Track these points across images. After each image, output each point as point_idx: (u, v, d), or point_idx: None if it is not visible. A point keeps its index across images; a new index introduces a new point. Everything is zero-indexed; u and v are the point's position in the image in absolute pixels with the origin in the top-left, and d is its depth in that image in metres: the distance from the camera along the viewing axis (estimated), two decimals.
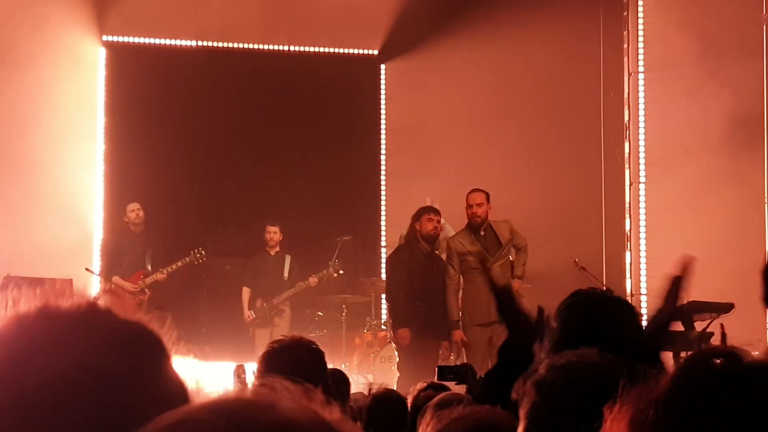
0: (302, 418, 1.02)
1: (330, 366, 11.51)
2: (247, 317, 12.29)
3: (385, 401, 4.76)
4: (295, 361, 3.55)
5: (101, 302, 1.26)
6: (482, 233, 10.32)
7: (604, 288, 11.41)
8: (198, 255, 12.22)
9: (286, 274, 12.45)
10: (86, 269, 11.22)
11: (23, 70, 11.92)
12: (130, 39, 13.66)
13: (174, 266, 12.13)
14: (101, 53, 13.45)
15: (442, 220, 10.79)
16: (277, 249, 12.52)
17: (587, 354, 1.73)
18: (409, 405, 4.92)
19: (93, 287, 12.07)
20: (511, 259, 10.40)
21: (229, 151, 13.56)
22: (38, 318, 1.20)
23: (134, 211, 12.22)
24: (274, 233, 12.46)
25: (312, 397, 1.07)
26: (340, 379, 4.73)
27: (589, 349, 1.76)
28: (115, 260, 12.18)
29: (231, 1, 13.17)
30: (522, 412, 1.71)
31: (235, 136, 13.59)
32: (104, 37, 13.39)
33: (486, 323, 9.81)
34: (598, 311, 2.90)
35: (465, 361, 9.58)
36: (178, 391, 1.21)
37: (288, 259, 12.50)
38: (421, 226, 10.61)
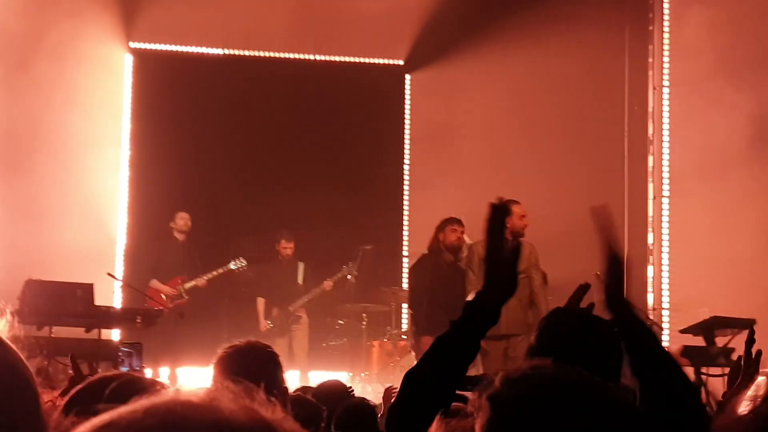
0: (240, 418, 1.01)
1: (349, 375, 11.43)
2: (263, 327, 12.28)
3: (355, 409, 4.75)
4: (248, 365, 3.55)
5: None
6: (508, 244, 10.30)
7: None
8: (240, 264, 12.26)
9: (300, 280, 12.46)
10: (108, 274, 11.24)
11: (50, 76, 11.99)
12: (157, 46, 13.73)
13: (215, 273, 12.18)
14: (128, 60, 13.53)
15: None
16: (291, 257, 12.53)
17: (542, 366, 1.71)
18: None
19: (115, 291, 12.13)
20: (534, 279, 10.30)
21: (252, 158, 13.59)
22: None
23: (184, 219, 12.31)
24: (289, 249, 12.47)
25: (254, 396, 1.05)
26: (365, 411, 4.69)
27: (544, 361, 1.74)
28: (154, 264, 12.25)
29: (257, 10, 13.21)
30: (477, 428, 1.69)
31: (260, 144, 13.63)
32: (131, 44, 13.47)
33: (500, 336, 9.79)
34: (575, 330, 2.90)
35: (481, 371, 9.57)
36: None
37: (301, 266, 12.51)
38: (445, 237, 10.64)
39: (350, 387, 5.48)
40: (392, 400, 2.50)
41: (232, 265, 12.25)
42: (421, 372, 2.41)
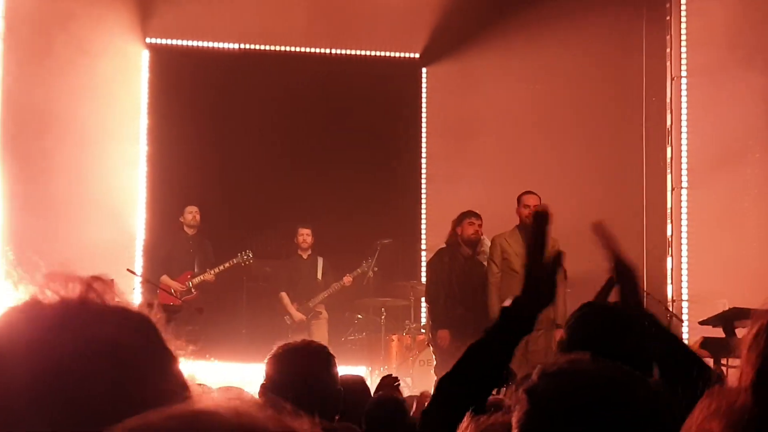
0: (269, 426, 1.00)
1: (368, 369, 11.44)
2: (297, 318, 12.30)
3: (384, 405, 4.73)
4: (302, 364, 3.52)
5: (94, 293, 1.26)
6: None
7: (645, 294, 11.36)
8: (245, 257, 12.31)
9: (319, 275, 12.48)
10: (128, 270, 11.28)
11: (67, 71, 12.02)
12: (173, 41, 13.75)
13: (221, 267, 12.24)
14: (145, 55, 13.56)
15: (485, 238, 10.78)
16: (310, 252, 12.56)
17: (580, 360, 1.71)
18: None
19: (135, 287, 12.17)
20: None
21: (270, 153, 13.60)
22: (26, 310, 1.21)
23: (192, 213, 12.37)
24: (306, 236, 12.50)
25: (280, 409, 1.05)
26: (395, 406, 4.65)
27: (582, 355, 1.74)
28: (164, 259, 12.30)
29: (273, 5, 13.23)
30: (514, 421, 1.69)
31: (277, 138, 13.64)
32: (148, 40, 13.50)
33: None
34: (606, 325, 2.88)
35: None
36: (175, 387, 1.19)
37: (320, 261, 12.54)
38: (463, 230, 10.65)
39: (396, 379, 5.41)
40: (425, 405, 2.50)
41: (237, 259, 12.29)
42: (455, 378, 2.40)
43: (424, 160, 14.20)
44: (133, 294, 12.17)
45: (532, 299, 2.39)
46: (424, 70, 14.32)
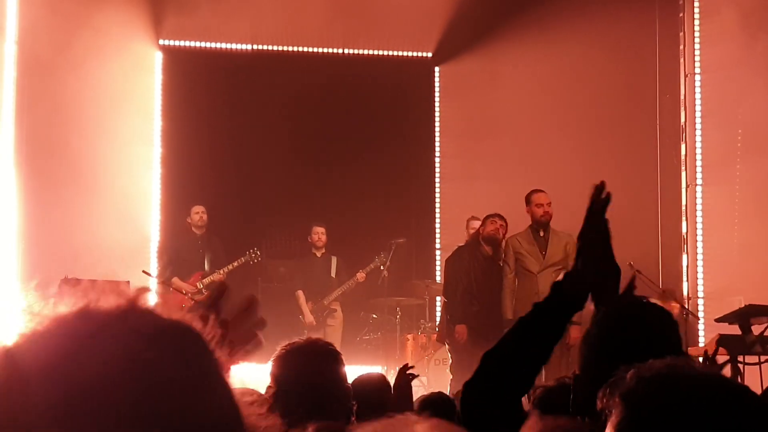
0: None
1: (383, 368, 11.43)
2: (308, 320, 12.33)
3: (433, 405, 4.71)
4: (308, 362, 3.49)
5: (143, 302, 1.24)
6: (541, 234, 10.35)
7: (661, 291, 11.34)
8: (253, 255, 12.34)
9: (333, 273, 12.49)
10: (143, 271, 11.30)
11: (81, 74, 12.04)
12: (187, 43, 13.78)
13: (230, 266, 12.25)
14: (158, 57, 13.59)
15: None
16: (323, 251, 12.57)
17: (677, 364, 1.68)
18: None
19: (150, 289, 12.17)
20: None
21: (284, 153, 13.60)
22: (77, 318, 1.19)
23: (198, 213, 12.39)
24: (321, 234, 12.51)
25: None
26: (444, 404, 4.61)
27: (678, 359, 1.70)
28: (174, 261, 12.33)
29: (286, 5, 13.23)
30: (609, 426, 1.66)
31: (290, 138, 13.64)
32: (161, 41, 13.53)
33: None
34: (635, 319, 2.85)
35: None
36: (223, 394, 1.18)
37: (334, 259, 12.54)
38: (484, 228, 10.70)
39: (411, 368, 5.37)
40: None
41: (246, 257, 12.31)
42: (502, 351, 2.35)
43: (437, 159, 14.19)
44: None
45: (585, 274, 2.35)
46: (436, 69, 14.32)
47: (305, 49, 14.04)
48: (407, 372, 5.17)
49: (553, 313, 2.35)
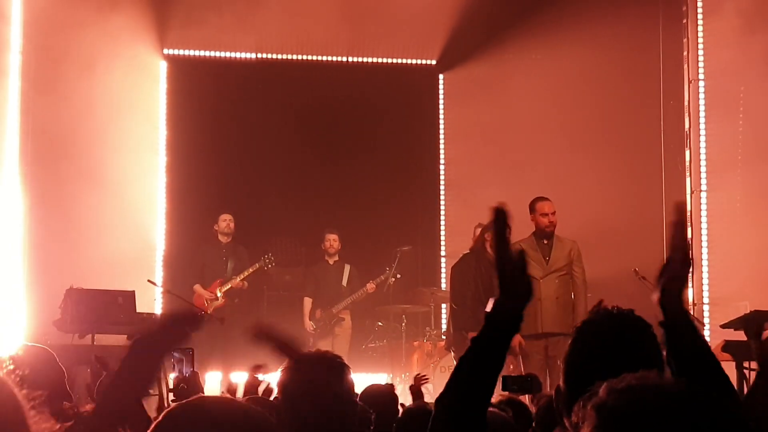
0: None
1: (389, 376, 11.39)
2: (307, 327, 12.36)
3: (415, 415, 4.71)
4: (316, 375, 3.48)
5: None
6: (545, 242, 10.33)
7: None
8: (268, 260, 12.37)
9: (345, 282, 12.50)
10: (149, 281, 11.33)
11: (86, 83, 12.06)
12: (191, 52, 13.81)
13: (247, 272, 12.29)
14: (162, 66, 13.62)
15: None
16: (337, 258, 12.60)
17: (648, 377, 1.69)
18: None
19: (156, 298, 12.22)
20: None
21: (288, 161, 13.62)
22: None
23: (226, 221, 12.45)
24: (333, 241, 12.55)
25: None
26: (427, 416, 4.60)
27: (650, 372, 1.72)
28: (200, 269, 12.36)
29: (290, 14, 13.25)
30: None
31: (295, 146, 13.65)
32: (165, 51, 13.56)
33: (539, 335, 9.79)
34: (615, 331, 2.86)
35: (522, 371, 9.56)
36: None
37: (347, 268, 12.56)
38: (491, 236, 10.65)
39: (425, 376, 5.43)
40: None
41: (260, 263, 12.34)
42: (451, 393, 2.39)
43: (442, 166, 14.21)
44: (155, 304, 12.22)
45: (510, 298, 2.40)
46: (441, 76, 14.34)
47: (310, 57, 14.06)
48: (421, 379, 5.25)
49: (490, 341, 2.41)
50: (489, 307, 2.43)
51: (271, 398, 4.58)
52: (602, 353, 2.72)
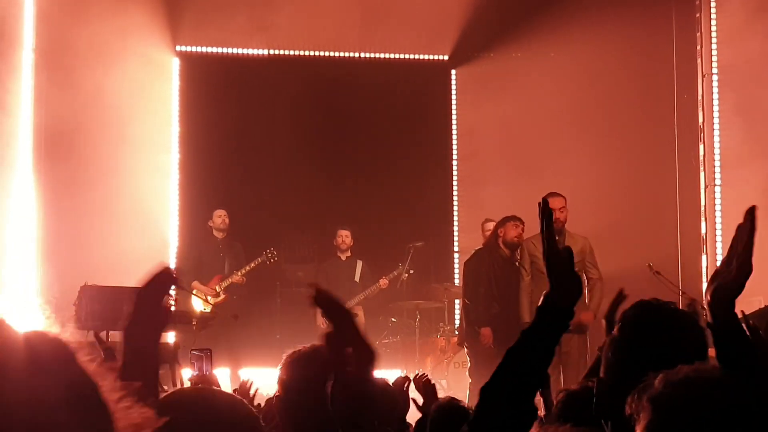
0: None
1: (403, 372, 11.38)
2: (320, 324, 12.36)
3: (448, 412, 4.69)
4: (311, 371, 3.46)
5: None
6: (556, 238, 10.29)
7: (680, 293, 11.30)
8: (270, 255, 12.34)
9: (357, 278, 12.50)
10: None
11: (99, 81, 12.08)
12: (203, 49, 13.82)
13: (248, 267, 12.27)
14: (175, 63, 13.64)
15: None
16: (349, 254, 12.60)
17: (705, 369, 1.68)
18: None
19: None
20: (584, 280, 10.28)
21: (301, 157, 13.62)
22: None
23: (221, 216, 12.43)
24: (345, 237, 12.55)
25: None
26: (459, 411, 4.60)
27: (705, 364, 1.71)
28: (195, 265, 12.35)
29: (301, 10, 13.25)
30: (638, 430, 1.66)
31: (308, 142, 13.66)
32: (178, 47, 13.57)
33: None
34: (661, 324, 2.84)
35: None
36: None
37: (360, 264, 12.56)
38: (506, 232, 10.65)
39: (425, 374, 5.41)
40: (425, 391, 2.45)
41: (263, 258, 12.31)
42: (497, 385, 2.35)
43: (455, 162, 14.19)
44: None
45: (560, 293, 2.37)
46: (453, 71, 14.32)
47: (321, 53, 14.06)
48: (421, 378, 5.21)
49: (540, 335, 2.37)
50: (540, 302, 2.41)
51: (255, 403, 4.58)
52: (651, 346, 2.70)
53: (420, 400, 5.50)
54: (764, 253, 11.55)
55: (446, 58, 14.26)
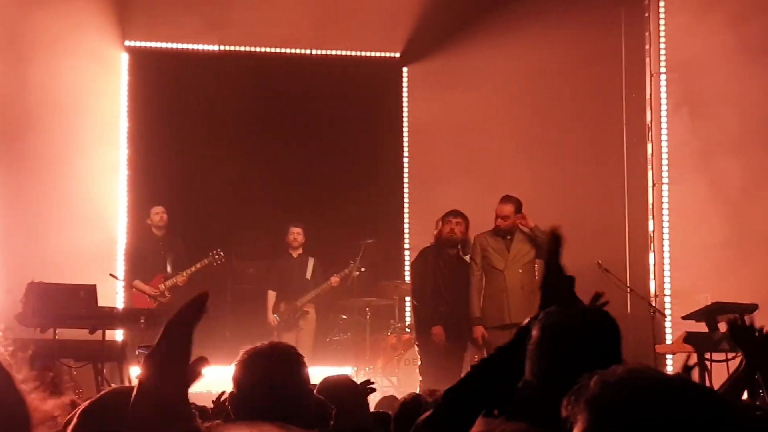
0: None
1: (354, 369, 11.36)
2: (271, 321, 12.33)
3: (412, 407, 4.70)
4: (271, 366, 3.46)
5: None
6: (508, 237, 10.36)
7: (628, 290, 11.41)
8: (217, 256, 12.25)
9: (309, 275, 12.47)
10: (110, 275, 11.26)
11: (46, 76, 11.98)
12: (153, 44, 13.72)
13: (193, 268, 12.16)
14: (124, 58, 13.52)
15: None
16: (300, 251, 12.57)
17: (640, 369, 1.68)
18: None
19: (117, 292, 12.14)
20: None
21: (251, 154, 13.57)
22: None
23: (158, 213, 12.29)
24: (297, 234, 12.52)
25: None
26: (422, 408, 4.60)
27: (642, 365, 1.71)
28: (137, 264, 12.23)
29: (253, 6, 13.20)
30: None
31: (258, 139, 13.62)
32: (126, 42, 13.46)
33: (506, 325, 9.80)
34: (578, 327, 2.87)
35: None
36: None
37: (311, 261, 12.54)
38: (440, 230, 10.62)
39: (372, 381, 5.39)
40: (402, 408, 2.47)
41: (209, 259, 12.23)
42: (465, 390, 2.35)
43: (406, 159, 14.20)
44: (116, 298, 12.15)
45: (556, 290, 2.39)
46: (404, 69, 14.33)
47: (273, 50, 14.01)
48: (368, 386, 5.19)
49: (516, 354, 2.38)
50: (524, 322, 2.43)
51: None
52: (574, 347, 2.72)
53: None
54: (707, 252, 11.69)
55: (398, 55, 14.27)
